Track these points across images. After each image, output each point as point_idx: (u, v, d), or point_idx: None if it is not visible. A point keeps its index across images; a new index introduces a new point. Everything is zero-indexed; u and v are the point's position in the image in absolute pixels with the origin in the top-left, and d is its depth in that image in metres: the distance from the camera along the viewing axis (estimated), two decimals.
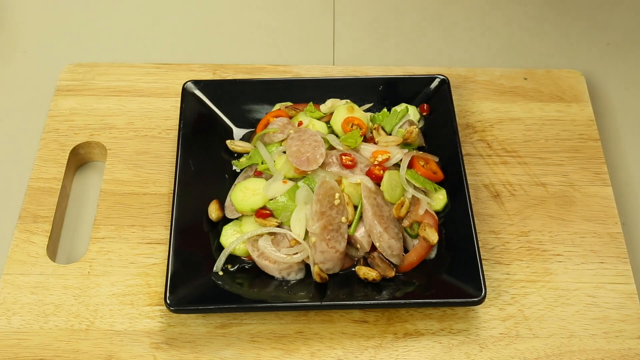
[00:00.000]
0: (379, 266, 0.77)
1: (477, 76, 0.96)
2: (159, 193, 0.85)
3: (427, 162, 0.82)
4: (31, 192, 0.85)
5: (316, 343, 0.76)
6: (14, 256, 0.80)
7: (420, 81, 0.90)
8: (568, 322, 0.77)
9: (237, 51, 1.02)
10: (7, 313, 0.77)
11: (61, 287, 0.79)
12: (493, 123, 0.92)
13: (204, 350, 0.75)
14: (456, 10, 1.08)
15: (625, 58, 1.03)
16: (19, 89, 0.97)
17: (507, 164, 0.88)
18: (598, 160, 0.89)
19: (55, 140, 0.89)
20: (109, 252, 0.81)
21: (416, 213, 0.79)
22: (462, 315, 0.78)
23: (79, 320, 0.76)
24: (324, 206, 0.76)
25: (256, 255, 0.77)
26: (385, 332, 0.77)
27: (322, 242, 0.75)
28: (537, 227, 0.83)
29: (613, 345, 0.76)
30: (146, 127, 0.91)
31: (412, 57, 1.02)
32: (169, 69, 0.96)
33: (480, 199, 0.85)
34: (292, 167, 0.80)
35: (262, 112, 0.89)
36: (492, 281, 0.79)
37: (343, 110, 0.85)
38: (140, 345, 0.75)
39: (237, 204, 0.79)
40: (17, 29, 1.04)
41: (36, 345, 0.75)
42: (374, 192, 0.78)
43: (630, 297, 0.79)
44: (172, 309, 0.73)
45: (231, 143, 0.86)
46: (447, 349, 0.76)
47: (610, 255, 0.81)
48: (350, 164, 0.79)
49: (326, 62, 1.01)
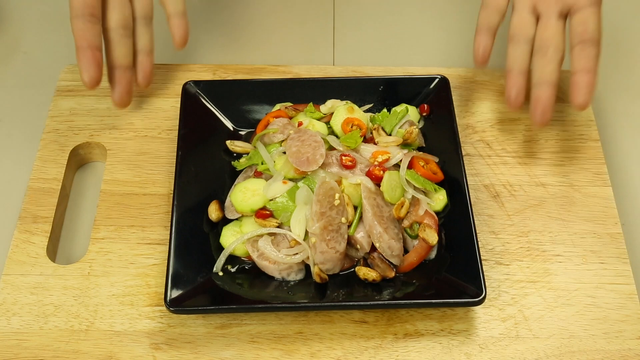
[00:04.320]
0: (379, 267, 0.77)
1: (477, 76, 0.96)
2: (158, 193, 0.85)
3: (427, 163, 0.82)
4: (31, 192, 0.85)
5: (316, 343, 0.76)
6: (14, 256, 0.80)
7: (420, 81, 0.90)
8: (568, 323, 0.77)
9: (237, 51, 1.02)
10: (6, 313, 0.77)
11: (61, 287, 0.79)
12: (493, 123, 0.92)
13: (204, 351, 0.75)
14: (456, 10, 1.07)
15: (625, 58, 1.03)
16: (19, 89, 0.97)
17: (507, 164, 0.88)
18: (598, 161, 0.89)
19: (55, 140, 0.89)
20: (109, 253, 0.81)
21: (416, 213, 0.79)
22: (462, 315, 0.78)
23: (78, 321, 0.77)
24: (324, 207, 0.76)
25: (256, 255, 0.77)
26: (385, 333, 0.77)
27: (322, 242, 0.75)
28: (537, 227, 0.83)
29: (613, 345, 0.76)
30: (146, 127, 0.91)
31: (412, 57, 1.02)
32: (169, 69, 0.96)
33: (480, 199, 0.85)
34: (292, 168, 0.80)
35: (262, 112, 0.89)
36: (492, 281, 0.79)
37: (343, 111, 0.85)
38: (140, 346, 0.75)
39: (237, 205, 0.79)
40: (17, 29, 1.04)
41: (36, 346, 0.75)
42: (373, 192, 0.78)
43: (630, 297, 0.79)
44: (172, 310, 0.73)
45: (231, 143, 0.86)
46: (447, 349, 0.76)
47: (610, 255, 0.81)
48: (350, 164, 0.79)
49: (326, 62, 1.01)
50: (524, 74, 0.84)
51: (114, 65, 0.86)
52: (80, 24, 0.82)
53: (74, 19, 0.82)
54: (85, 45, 0.82)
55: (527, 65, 0.84)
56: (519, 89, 0.83)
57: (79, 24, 0.82)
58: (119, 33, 0.85)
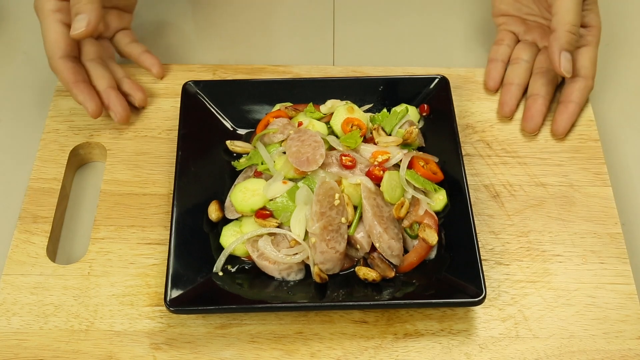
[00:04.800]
0: (379, 267, 0.77)
1: (477, 76, 0.96)
2: (158, 193, 0.85)
3: (427, 163, 0.82)
4: (31, 192, 0.85)
5: (316, 343, 0.76)
6: (14, 256, 0.80)
7: (420, 81, 0.90)
8: (568, 323, 0.77)
9: (237, 51, 1.02)
10: (6, 313, 0.77)
11: (61, 287, 0.79)
12: (493, 123, 0.92)
13: (204, 351, 0.75)
14: (456, 11, 1.07)
15: (624, 58, 1.03)
16: (19, 89, 0.97)
17: (507, 164, 0.88)
18: (598, 161, 0.89)
19: (55, 140, 0.89)
20: (109, 253, 0.81)
21: (416, 213, 0.79)
22: (462, 315, 0.78)
23: (78, 321, 0.77)
24: (324, 207, 0.76)
25: (256, 255, 0.77)
26: (385, 333, 0.77)
27: (322, 242, 0.75)
28: (537, 227, 0.83)
29: (613, 345, 0.76)
30: (146, 127, 0.91)
31: (412, 57, 1.02)
32: (169, 69, 0.96)
33: (480, 199, 0.85)
34: (292, 168, 0.80)
35: (262, 112, 0.89)
36: (492, 281, 0.79)
37: (343, 111, 0.85)
38: (140, 346, 0.75)
39: (237, 205, 0.79)
40: (17, 29, 1.04)
41: (36, 346, 0.75)
42: (373, 192, 0.78)
43: (630, 297, 0.79)
44: (172, 310, 0.73)
45: (231, 143, 0.86)
46: (447, 349, 0.76)
47: (610, 255, 0.81)
48: (350, 164, 0.79)
49: (326, 62, 1.01)
50: (520, 87, 0.93)
51: (101, 89, 0.89)
52: (66, 63, 0.87)
53: (59, 60, 0.86)
54: (79, 79, 0.87)
55: (525, 81, 0.93)
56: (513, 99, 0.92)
57: (66, 63, 0.87)
58: (96, 62, 0.90)
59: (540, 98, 0.90)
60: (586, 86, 0.90)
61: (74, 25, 0.84)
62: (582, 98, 0.90)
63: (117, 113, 0.89)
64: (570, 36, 0.86)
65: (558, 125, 0.89)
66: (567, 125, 0.89)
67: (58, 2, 0.87)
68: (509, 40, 0.96)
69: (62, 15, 0.87)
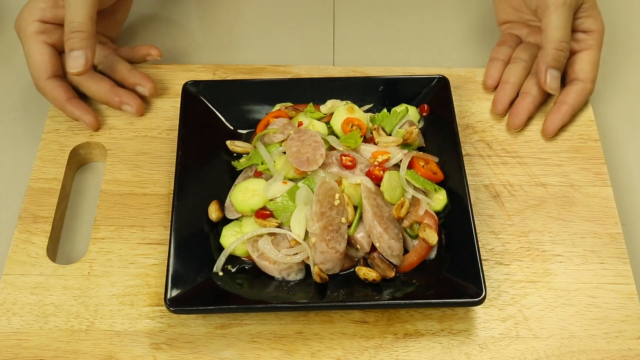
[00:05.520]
0: (379, 267, 0.77)
1: (477, 76, 0.96)
2: (158, 193, 0.85)
3: (427, 163, 0.82)
4: (31, 192, 0.85)
5: (316, 343, 0.76)
6: (14, 256, 0.80)
7: (420, 81, 0.90)
8: (568, 323, 0.77)
9: (237, 51, 1.02)
10: (7, 313, 0.77)
11: (61, 287, 0.79)
12: (493, 123, 0.92)
13: (204, 351, 0.75)
14: (456, 10, 1.08)
15: (625, 58, 1.03)
16: (19, 89, 0.97)
17: (507, 164, 0.88)
18: (598, 161, 0.89)
19: (55, 140, 0.89)
20: (109, 253, 0.81)
21: (416, 213, 0.79)
22: (462, 315, 0.78)
23: (78, 321, 0.77)
24: (324, 207, 0.76)
25: (256, 255, 0.77)
26: (385, 333, 0.77)
27: (322, 242, 0.75)
28: (537, 227, 0.83)
29: (613, 345, 0.76)
30: (146, 127, 0.91)
31: (412, 57, 1.02)
32: (169, 69, 0.96)
33: (480, 200, 0.85)
34: (292, 168, 0.80)
35: (262, 112, 0.89)
36: (492, 281, 0.79)
37: (343, 111, 0.85)
38: (140, 346, 0.75)
39: (237, 205, 0.79)
40: None
41: (36, 346, 0.75)
42: (373, 192, 0.78)
43: (630, 297, 0.79)
44: (172, 310, 0.73)
45: (231, 143, 0.86)
46: (447, 349, 0.76)
47: (610, 255, 0.81)
48: (350, 164, 0.79)
49: (326, 62, 1.01)
50: (516, 86, 0.93)
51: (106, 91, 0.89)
52: (54, 82, 0.88)
53: (46, 81, 0.87)
54: (70, 96, 0.88)
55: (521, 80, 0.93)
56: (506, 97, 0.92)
57: (54, 83, 0.88)
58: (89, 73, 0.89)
59: (530, 96, 0.91)
60: (583, 89, 0.90)
61: (70, 62, 0.83)
62: (577, 100, 0.90)
63: (133, 105, 0.89)
64: (557, 53, 0.87)
65: (547, 125, 0.90)
66: (556, 126, 0.90)
67: (41, 25, 0.87)
68: (512, 42, 0.96)
69: (45, 36, 0.87)
